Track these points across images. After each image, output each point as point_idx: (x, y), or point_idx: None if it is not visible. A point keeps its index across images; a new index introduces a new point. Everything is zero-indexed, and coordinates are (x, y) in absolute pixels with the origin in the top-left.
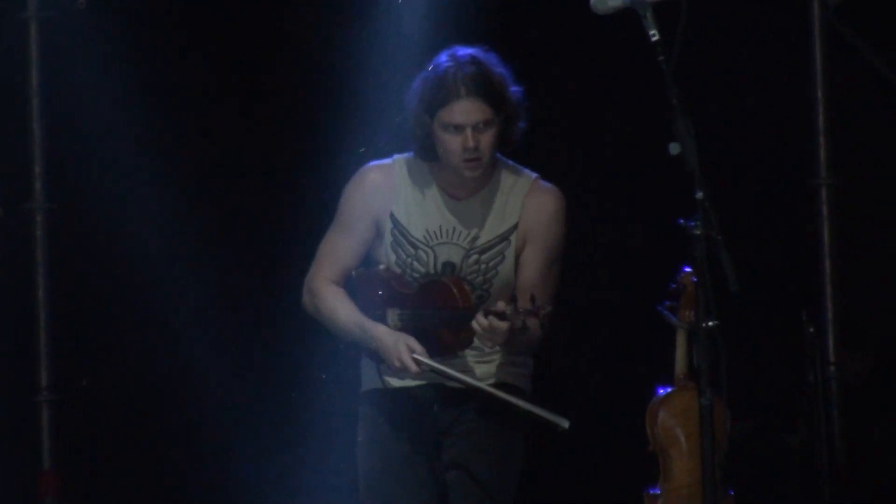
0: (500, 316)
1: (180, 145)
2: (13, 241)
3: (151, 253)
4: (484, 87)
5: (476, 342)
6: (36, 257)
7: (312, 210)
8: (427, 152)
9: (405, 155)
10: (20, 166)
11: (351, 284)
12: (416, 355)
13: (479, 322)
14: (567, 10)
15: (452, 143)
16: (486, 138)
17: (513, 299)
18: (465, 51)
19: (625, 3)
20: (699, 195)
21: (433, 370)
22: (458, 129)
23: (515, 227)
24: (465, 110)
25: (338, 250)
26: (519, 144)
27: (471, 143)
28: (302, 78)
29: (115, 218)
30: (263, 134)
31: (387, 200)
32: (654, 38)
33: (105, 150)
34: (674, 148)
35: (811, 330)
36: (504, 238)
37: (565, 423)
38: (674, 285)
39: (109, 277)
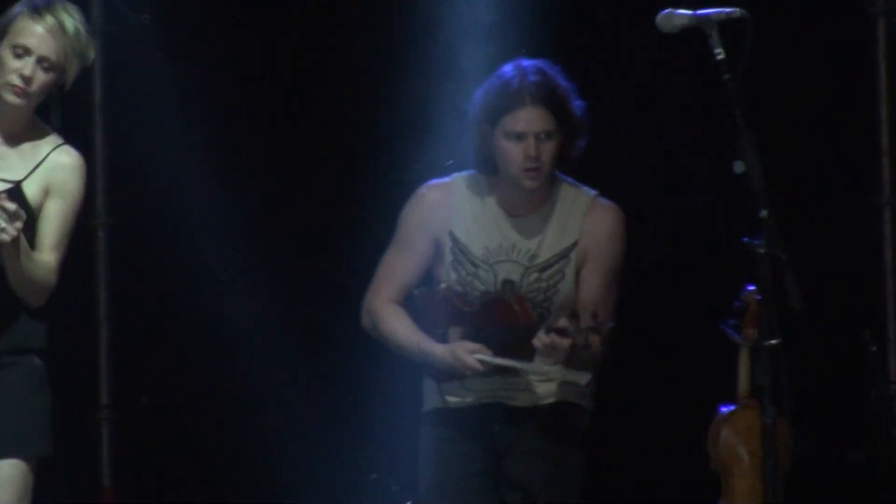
0: (562, 333)
1: (243, 162)
2: (75, 257)
3: (213, 270)
4: (549, 96)
5: (537, 359)
6: (98, 273)
7: (374, 228)
8: (486, 164)
9: (464, 173)
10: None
11: (413, 304)
12: (477, 356)
13: (541, 339)
14: (633, 27)
15: (514, 152)
16: (548, 149)
17: (574, 316)
18: (530, 62)
19: (691, 22)
20: (763, 213)
21: (496, 365)
22: (521, 137)
23: (575, 244)
24: (529, 118)
25: (397, 270)
26: (579, 161)
27: (532, 152)
28: (366, 93)
29: (178, 234)
30: (326, 150)
31: (446, 219)
32: (720, 57)
33: (168, 165)
34: (739, 166)
35: (873, 349)
36: (564, 255)
37: (585, 378)
38: (737, 303)
39: (171, 294)
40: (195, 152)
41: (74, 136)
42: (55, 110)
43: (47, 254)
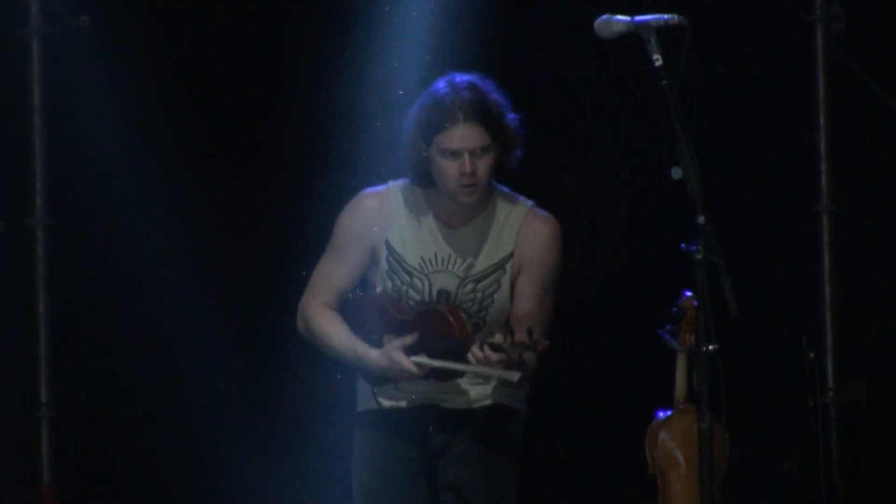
0: (496, 348)
1: (181, 163)
2: (14, 257)
3: (151, 270)
4: (482, 112)
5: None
6: (37, 273)
7: (310, 232)
8: (423, 178)
9: (400, 182)
10: (21, 182)
11: (348, 307)
12: (413, 358)
13: (475, 354)
14: (570, 33)
15: (450, 169)
16: (483, 164)
17: (510, 332)
18: (462, 77)
19: (629, 28)
20: (701, 220)
21: (432, 367)
22: (456, 154)
23: (511, 255)
24: (463, 136)
25: (332, 276)
26: (515, 171)
27: (468, 169)
28: (302, 97)
29: (116, 234)
30: (264, 151)
31: (382, 228)
32: (658, 63)
33: (106, 166)
34: (676, 172)
35: (811, 356)
36: (499, 266)
37: (515, 376)
38: (675, 309)
39: (109, 294)
40: (134, 153)
41: (12, 138)
42: None
43: None
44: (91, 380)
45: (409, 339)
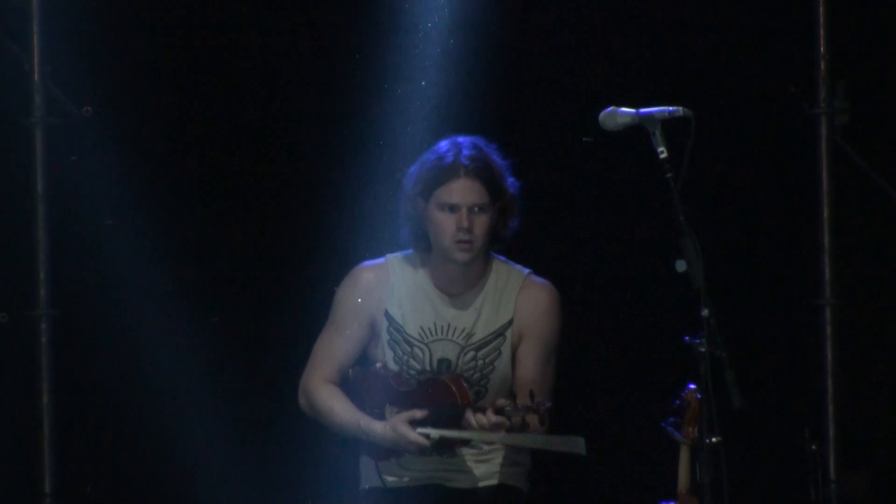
0: (499, 411)
1: (185, 251)
2: (18, 348)
3: (156, 361)
4: (483, 170)
5: (475, 440)
6: (40, 364)
7: (310, 308)
8: (420, 241)
9: (398, 254)
10: (24, 273)
11: (348, 384)
12: (420, 430)
13: (478, 419)
14: (577, 126)
15: (447, 224)
16: (480, 223)
17: (512, 396)
18: (466, 138)
19: (633, 121)
20: (705, 313)
21: (440, 437)
22: (454, 209)
23: (510, 322)
24: (464, 190)
25: (332, 350)
26: (514, 242)
27: (465, 224)
28: (304, 174)
29: (120, 325)
30: (264, 231)
31: (381, 299)
32: (663, 156)
33: (110, 257)
34: (680, 265)
35: (813, 447)
36: (499, 334)
37: (582, 448)
38: (678, 402)
39: (114, 384)
40: (137, 243)
41: (15, 228)
42: None
43: None
44: (96, 470)
45: (418, 414)
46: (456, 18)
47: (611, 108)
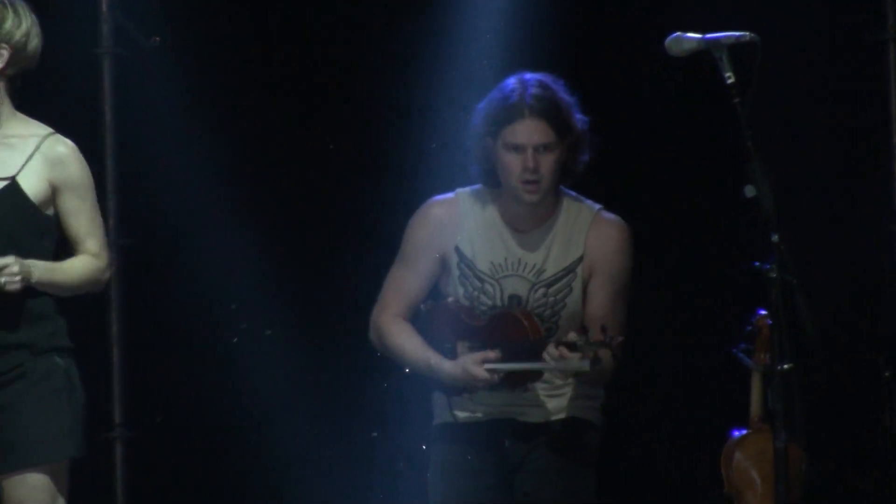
0: (571, 347)
1: (253, 181)
2: None
3: (225, 288)
4: (548, 109)
5: (547, 375)
6: (110, 293)
7: (381, 243)
8: (488, 177)
9: (468, 188)
10: None
11: (420, 318)
12: (487, 365)
13: (551, 353)
14: (641, 50)
15: (513, 164)
16: (547, 162)
17: (584, 330)
18: (533, 75)
19: (700, 46)
20: (775, 238)
21: (510, 371)
22: (519, 149)
23: (581, 259)
24: (528, 130)
25: (403, 286)
26: (584, 176)
27: (530, 164)
28: (373, 111)
29: (190, 254)
30: (334, 168)
31: (451, 235)
32: (730, 81)
33: (179, 186)
34: (749, 190)
35: (887, 374)
36: (570, 270)
37: (587, 365)
38: (749, 328)
39: (184, 314)
40: (206, 173)
41: (85, 157)
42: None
43: (94, 256)
44: (166, 399)
45: (491, 355)
46: None
47: (676, 34)
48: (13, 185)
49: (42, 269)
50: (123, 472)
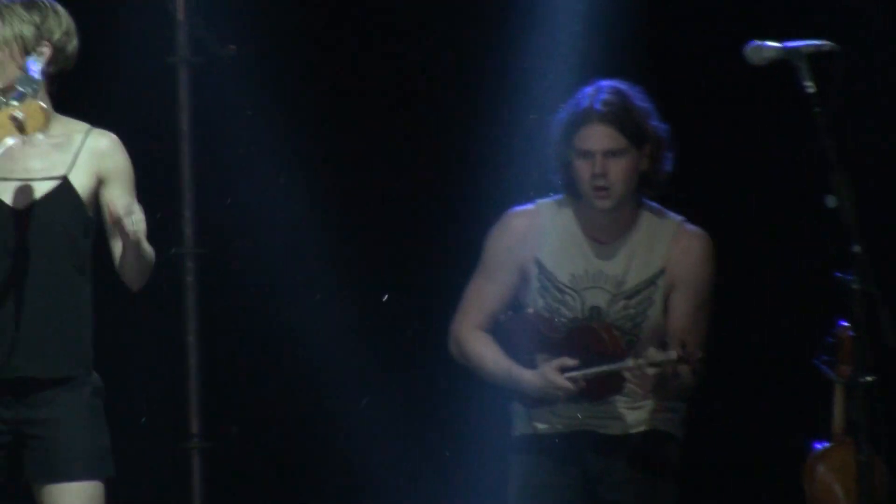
0: (651, 362)
1: (330, 190)
2: (163, 287)
3: (300, 298)
4: (618, 115)
5: (628, 388)
6: (186, 303)
7: (461, 254)
8: (567, 185)
9: (548, 199)
10: (170, 211)
11: (500, 329)
12: (568, 374)
13: (629, 368)
14: (721, 59)
15: (583, 170)
16: (617, 168)
17: (663, 345)
18: (609, 82)
19: (779, 54)
20: (856, 249)
21: (588, 377)
22: (589, 154)
23: (662, 271)
24: (596, 135)
25: (483, 297)
26: (666, 189)
27: (598, 170)
28: (454, 119)
29: (266, 263)
30: (413, 176)
31: (531, 246)
32: (810, 90)
33: (255, 194)
34: (831, 201)
35: None
36: (651, 282)
37: (673, 354)
38: (831, 339)
39: (260, 324)
40: (282, 181)
41: (160, 167)
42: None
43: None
44: (242, 410)
45: (569, 361)
46: None
47: (756, 42)
48: (65, 183)
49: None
50: (200, 482)
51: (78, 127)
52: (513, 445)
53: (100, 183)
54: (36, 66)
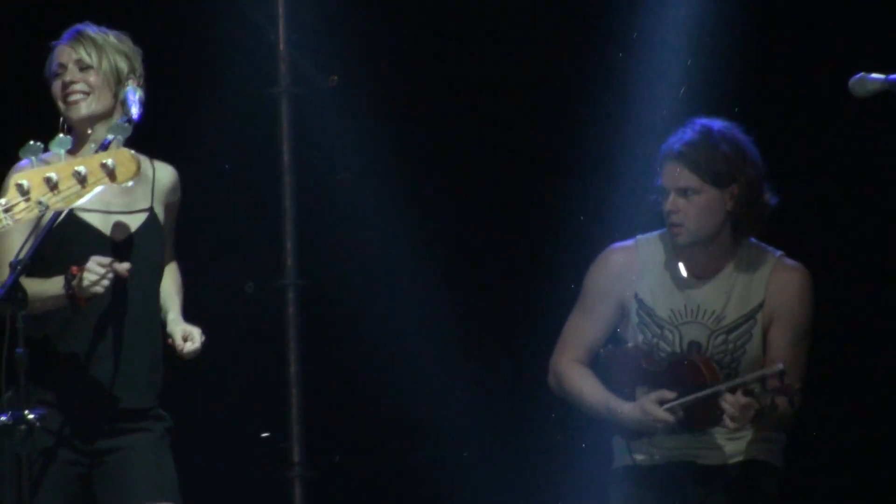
0: (749, 393)
1: (432, 223)
2: (265, 318)
3: (402, 330)
4: (694, 155)
5: (727, 419)
6: (287, 333)
7: (559, 288)
8: (663, 220)
9: (648, 234)
10: (272, 243)
11: (599, 363)
12: (666, 406)
13: (728, 400)
14: (825, 92)
15: (663, 205)
16: (691, 206)
17: (762, 378)
18: (703, 120)
19: (883, 87)
20: None
21: (686, 405)
22: (664, 191)
23: (761, 305)
24: (671, 174)
25: (582, 331)
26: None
27: (670, 207)
28: (554, 157)
29: (367, 294)
30: (514, 212)
31: (631, 282)
32: None
33: (357, 226)
34: None
35: None
36: (750, 317)
37: (778, 367)
38: None
39: (360, 354)
40: (384, 213)
41: (262, 198)
42: None
43: (174, 260)
44: (344, 439)
45: (668, 395)
46: None
47: (860, 74)
48: (152, 215)
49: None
50: None
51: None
52: (613, 476)
53: (167, 212)
54: (134, 97)
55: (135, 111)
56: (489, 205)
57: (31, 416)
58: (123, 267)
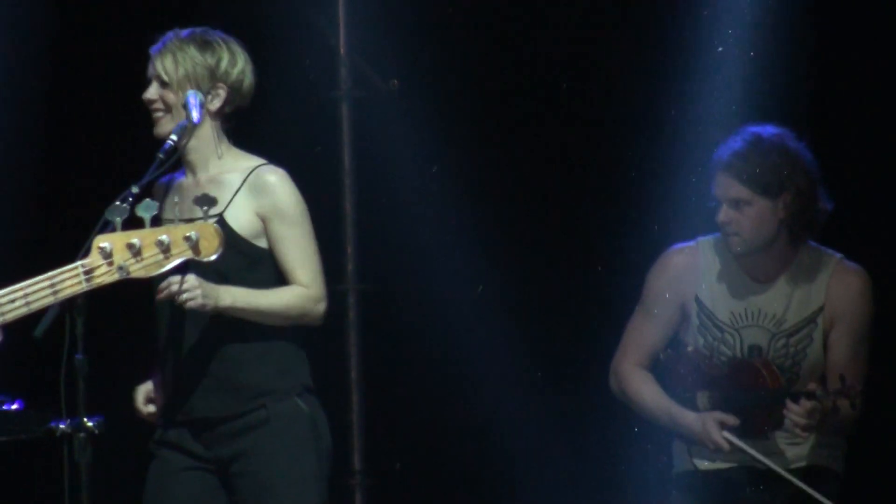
0: (811, 396)
1: (494, 225)
2: (326, 323)
3: (464, 334)
4: (741, 167)
5: (788, 422)
6: (348, 338)
7: (620, 290)
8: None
9: (709, 237)
10: (332, 247)
11: (660, 366)
12: (726, 434)
13: (791, 408)
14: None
15: (717, 215)
16: (743, 217)
17: (822, 380)
18: (755, 129)
19: None
20: None
21: (741, 450)
22: (717, 201)
23: (822, 308)
24: (721, 185)
25: (643, 334)
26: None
27: (722, 218)
28: (610, 156)
29: (429, 299)
30: (574, 214)
31: (692, 284)
32: None
33: (417, 230)
34: None
35: None
36: (811, 320)
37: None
38: None
39: (422, 359)
40: (445, 216)
41: (323, 202)
42: None
43: (305, 287)
44: (405, 446)
45: (730, 420)
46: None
47: None
48: (221, 221)
49: (237, 295)
50: None
51: (248, 163)
52: (673, 482)
53: (263, 220)
54: (195, 100)
55: (195, 115)
56: (552, 207)
57: (90, 424)
58: (163, 295)
